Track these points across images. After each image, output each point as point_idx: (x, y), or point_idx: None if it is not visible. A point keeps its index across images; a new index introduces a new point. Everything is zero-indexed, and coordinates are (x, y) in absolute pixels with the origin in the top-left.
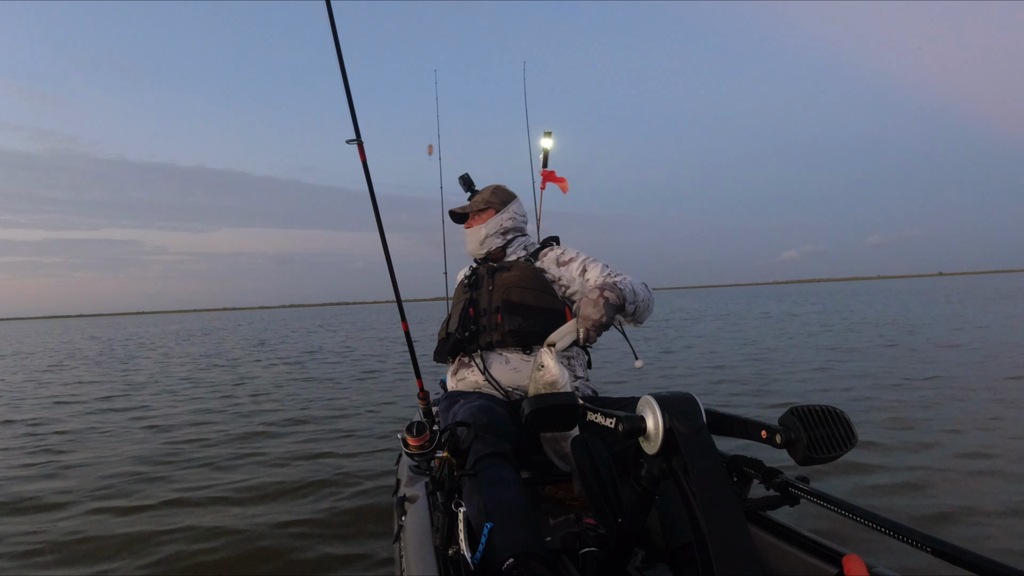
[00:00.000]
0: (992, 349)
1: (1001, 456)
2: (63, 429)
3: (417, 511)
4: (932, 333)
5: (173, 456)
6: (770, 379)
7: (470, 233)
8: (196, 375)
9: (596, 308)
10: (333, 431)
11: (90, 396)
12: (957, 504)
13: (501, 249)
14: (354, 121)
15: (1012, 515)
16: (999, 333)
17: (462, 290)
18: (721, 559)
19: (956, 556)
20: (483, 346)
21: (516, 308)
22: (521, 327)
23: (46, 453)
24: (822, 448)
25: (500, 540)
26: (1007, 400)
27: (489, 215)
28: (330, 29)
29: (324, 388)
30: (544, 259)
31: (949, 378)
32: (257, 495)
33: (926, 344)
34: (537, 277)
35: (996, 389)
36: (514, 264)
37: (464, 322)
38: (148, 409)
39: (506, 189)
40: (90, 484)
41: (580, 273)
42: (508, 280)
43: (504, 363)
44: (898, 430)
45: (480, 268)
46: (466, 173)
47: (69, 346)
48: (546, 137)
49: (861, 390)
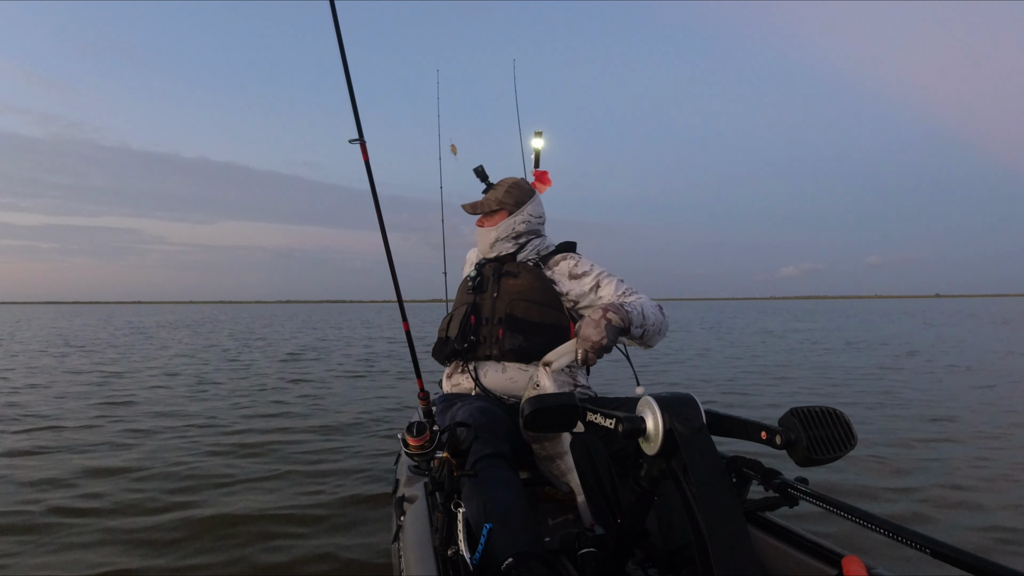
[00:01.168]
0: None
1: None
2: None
3: (416, 511)
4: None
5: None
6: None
7: (480, 233)
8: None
9: (597, 330)
10: (332, 431)
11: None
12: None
13: (512, 253)
14: (357, 121)
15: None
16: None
17: (465, 290)
18: (720, 560)
19: (955, 558)
20: (480, 357)
21: (519, 325)
22: (522, 346)
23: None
24: (822, 449)
25: (499, 540)
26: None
27: (501, 217)
28: (335, 31)
29: (323, 387)
30: (555, 268)
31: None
32: (253, 493)
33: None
34: (544, 288)
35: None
36: (522, 269)
37: (464, 331)
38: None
39: (523, 186)
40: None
41: (593, 289)
42: (514, 289)
43: (500, 371)
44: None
45: (486, 268)
46: (481, 166)
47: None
48: (537, 137)
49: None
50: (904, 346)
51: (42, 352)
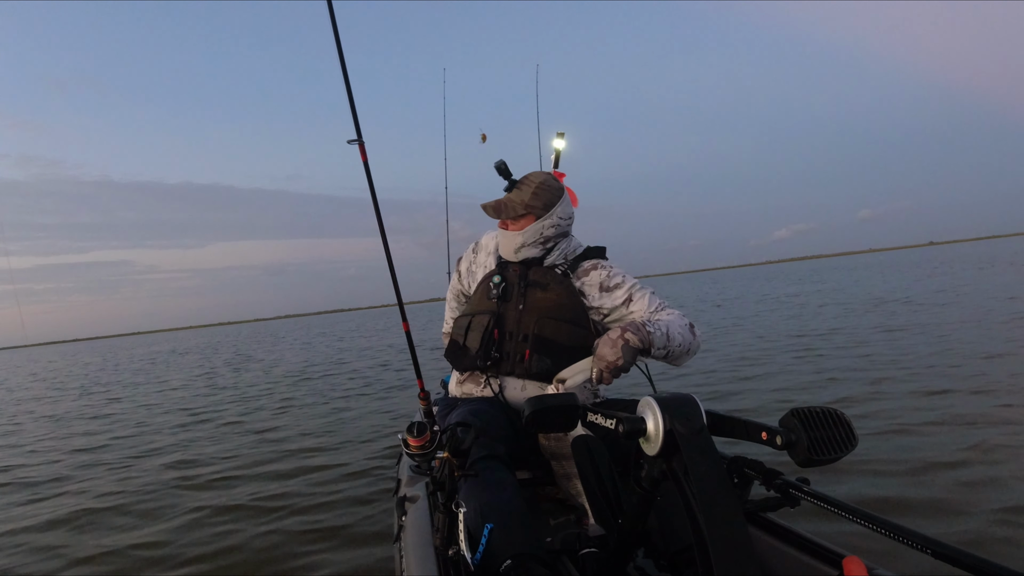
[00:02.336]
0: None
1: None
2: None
3: (417, 511)
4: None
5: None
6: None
7: (504, 236)
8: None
9: (613, 350)
10: (331, 429)
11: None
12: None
13: (539, 257)
14: (355, 121)
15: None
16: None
17: (487, 295)
18: (721, 561)
19: (956, 558)
20: (503, 373)
21: (547, 347)
22: (549, 369)
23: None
24: (823, 450)
25: (498, 542)
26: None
27: (528, 221)
28: (333, 32)
29: (323, 388)
30: (585, 278)
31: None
32: (252, 496)
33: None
34: (573, 305)
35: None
36: (551, 280)
37: (487, 346)
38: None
39: (552, 184)
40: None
41: (625, 303)
42: (543, 304)
43: (520, 389)
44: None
45: (510, 274)
46: (502, 160)
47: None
48: (559, 138)
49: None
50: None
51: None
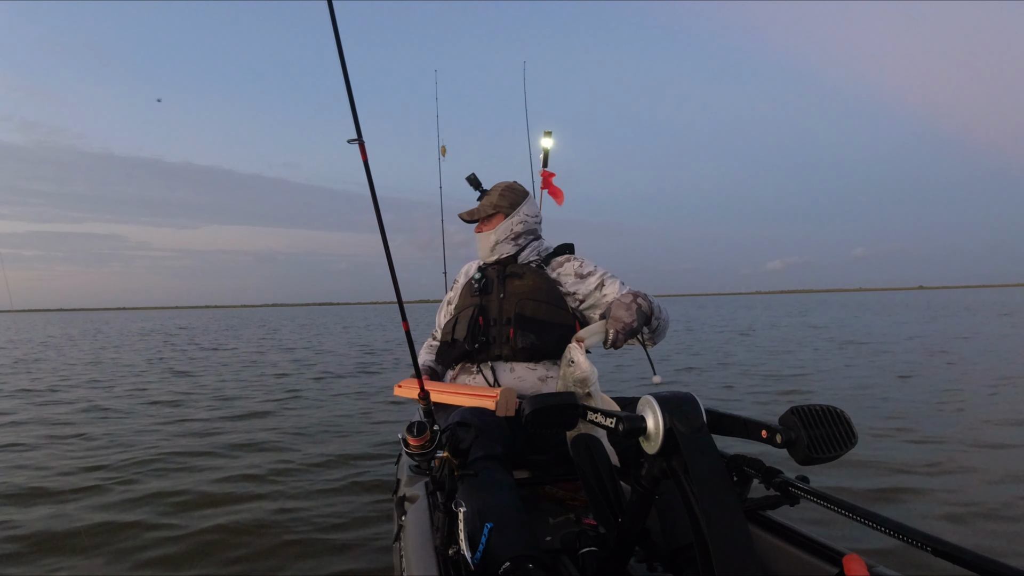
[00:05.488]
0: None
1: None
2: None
3: (417, 511)
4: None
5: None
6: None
7: (480, 238)
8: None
9: (629, 312)
10: (330, 428)
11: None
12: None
13: (513, 255)
14: (355, 121)
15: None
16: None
17: (469, 293)
18: (721, 559)
19: (956, 556)
20: (492, 357)
21: (529, 323)
22: (534, 344)
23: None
24: (822, 448)
25: (497, 542)
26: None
27: (498, 220)
28: (333, 33)
29: (323, 387)
30: (560, 269)
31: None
32: (251, 493)
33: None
34: (551, 289)
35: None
36: (526, 270)
37: (473, 332)
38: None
39: (516, 188)
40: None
41: (598, 287)
42: (521, 289)
43: (509, 371)
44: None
45: (489, 271)
46: (473, 173)
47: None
48: (546, 137)
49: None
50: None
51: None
